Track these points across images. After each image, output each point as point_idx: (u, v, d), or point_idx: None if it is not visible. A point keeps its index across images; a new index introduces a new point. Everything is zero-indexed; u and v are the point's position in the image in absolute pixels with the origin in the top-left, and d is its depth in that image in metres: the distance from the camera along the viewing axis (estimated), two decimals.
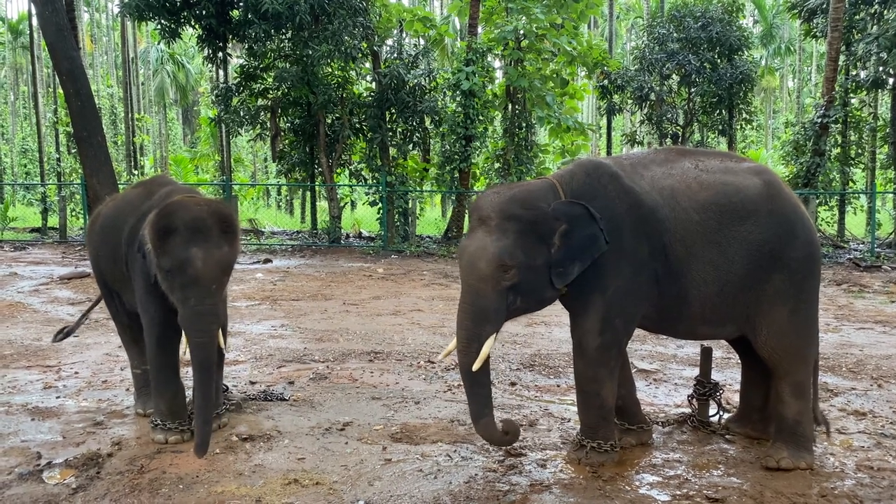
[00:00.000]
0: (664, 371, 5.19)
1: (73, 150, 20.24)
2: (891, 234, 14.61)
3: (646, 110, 16.59)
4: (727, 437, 3.74)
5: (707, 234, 3.17)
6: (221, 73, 17.16)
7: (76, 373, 5.05)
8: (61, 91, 14.90)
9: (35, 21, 19.10)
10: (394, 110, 15.20)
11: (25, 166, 32.08)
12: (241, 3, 14.16)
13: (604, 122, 20.67)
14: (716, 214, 3.18)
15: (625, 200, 3.20)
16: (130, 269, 3.69)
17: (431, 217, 22.17)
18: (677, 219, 3.18)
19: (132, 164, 25.50)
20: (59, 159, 21.00)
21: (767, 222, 3.19)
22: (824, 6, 14.45)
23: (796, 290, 3.25)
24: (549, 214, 3.08)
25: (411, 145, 16.05)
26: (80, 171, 16.28)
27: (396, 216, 15.15)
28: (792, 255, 3.21)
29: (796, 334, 3.29)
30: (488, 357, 3.11)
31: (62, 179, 19.62)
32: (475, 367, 3.06)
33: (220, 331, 3.47)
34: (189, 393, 4.00)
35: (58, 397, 4.45)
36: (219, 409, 3.88)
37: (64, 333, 4.54)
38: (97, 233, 4.05)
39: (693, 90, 16.06)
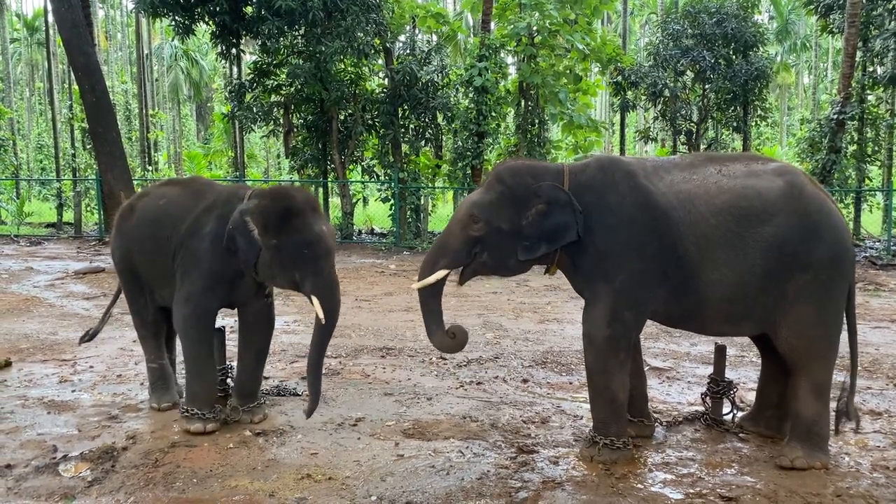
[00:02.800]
0: (677, 369, 5.16)
1: (88, 146, 20.40)
2: None
3: (660, 107, 16.48)
4: (741, 435, 3.73)
5: (724, 236, 3.17)
6: (235, 69, 17.20)
7: (91, 367, 5.09)
8: (76, 87, 15.01)
9: (51, 17, 19.24)
10: (406, 107, 15.19)
11: (41, 162, 32.31)
12: (255, 0, 14.19)
13: (617, 118, 20.57)
14: (733, 218, 3.18)
15: (636, 198, 3.25)
16: (184, 261, 3.75)
17: (444, 213, 22.13)
18: (693, 222, 3.20)
19: (146, 159, 25.65)
20: (74, 155, 21.16)
21: (788, 223, 3.16)
22: (841, 2, 14.29)
23: (821, 290, 3.21)
24: (531, 190, 3.30)
25: (424, 142, 16.02)
26: (95, 166, 16.39)
27: (409, 213, 15.15)
28: (816, 256, 3.17)
29: (818, 334, 3.26)
30: (441, 284, 3.43)
31: (77, 175, 19.77)
32: (415, 286, 3.46)
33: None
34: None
35: (73, 391, 4.49)
36: (259, 400, 4.02)
37: (90, 335, 4.57)
38: (134, 228, 4.03)
39: (707, 87, 15.94)
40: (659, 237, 3.21)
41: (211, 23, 14.95)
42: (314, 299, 3.54)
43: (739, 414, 3.91)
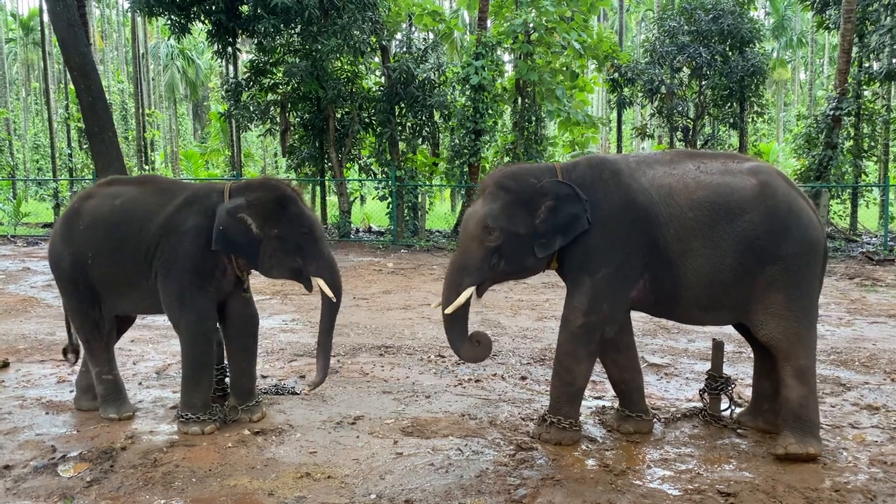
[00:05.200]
0: (675, 365, 5.17)
1: (84, 146, 20.39)
2: None
3: (656, 103, 16.48)
4: (739, 431, 3.73)
5: (700, 229, 3.36)
6: (231, 68, 17.21)
7: None
8: (72, 87, 14.98)
9: (46, 17, 19.19)
10: (403, 105, 15.19)
11: (37, 162, 32.30)
12: None
13: (614, 115, 20.57)
14: (709, 212, 3.35)
15: (621, 195, 3.44)
16: (163, 261, 3.66)
17: (441, 211, 22.16)
18: (672, 215, 3.38)
19: (143, 159, 25.63)
20: (70, 155, 21.15)
21: (760, 220, 3.32)
22: None
23: (792, 280, 3.35)
24: (537, 189, 3.45)
25: (421, 140, 16.02)
26: (91, 166, 16.38)
27: (406, 211, 15.15)
28: (786, 250, 3.33)
29: (794, 319, 3.35)
30: (467, 304, 3.52)
31: (74, 175, 19.76)
32: (447, 311, 3.50)
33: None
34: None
35: (71, 391, 4.48)
36: (257, 399, 4.01)
37: (73, 351, 4.28)
38: (87, 232, 3.79)
39: (704, 83, 15.94)
40: (640, 232, 3.39)
41: (207, 21, 14.93)
42: (320, 281, 3.70)
43: (737, 410, 3.92)
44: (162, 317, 4.10)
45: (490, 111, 14.56)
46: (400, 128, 15.36)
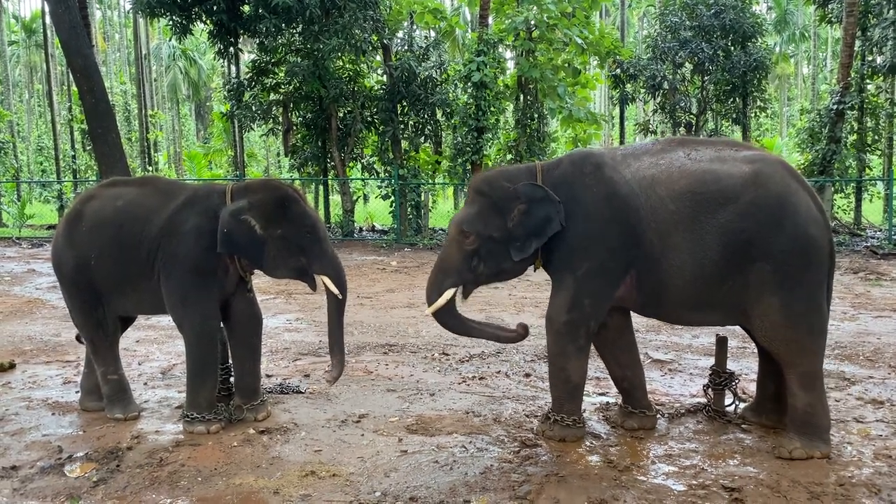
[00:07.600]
0: (679, 361, 5.17)
1: (88, 147, 20.44)
2: None
3: (659, 99, 16.45)
4: (743, 426, 3.73)
5: (682, 222, 3.21)
6: (233, 68, 17.21)
7: None
8: (75, 89, 15.02)
9: (48, 19, 19.24)
10: (405, 103, 15.19)
11: (41, 164, 32.37)
12: None
13: (616, 111, 20.55)
14: (691, 203, 3.20)
15: (601, 189, 3.35)
16: (165, 263, 3.67)
17: (444, 209, 22.15)
18: (652, 207, 3.25)
19: (146, 160, 25.69)
20: (74, 156, 21.20)
21: (746, 211, 3.15)
22: None
23: (786, 281, 3.16)
24: (510, 193, 3.42)
25: (423, 138, 16.03)
26: (95, 167, 16.42)
27: (409, 209, 15.15)
28: (776, 245, 3.13)
29: (793, 326, 3.20)
30: (453, 302, 3.57)
31: (78, 176, 19.81)
32: (428, 311, 3.60)
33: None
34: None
35: (77, 392, 4.49)
36: (261, 398, 4.02)
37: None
38: (90, 234, 3.80)
39: (706, 78, 15.91)
40: (621, 226, 3.29)
41: (208, 22, 14.95)
42: (325, 279, 3.76)
43: (741, 405, 3.92)
44: (166, 317, 4.11)
45: (492, 109, 14.55)
46: (402, 126, 15.37)
